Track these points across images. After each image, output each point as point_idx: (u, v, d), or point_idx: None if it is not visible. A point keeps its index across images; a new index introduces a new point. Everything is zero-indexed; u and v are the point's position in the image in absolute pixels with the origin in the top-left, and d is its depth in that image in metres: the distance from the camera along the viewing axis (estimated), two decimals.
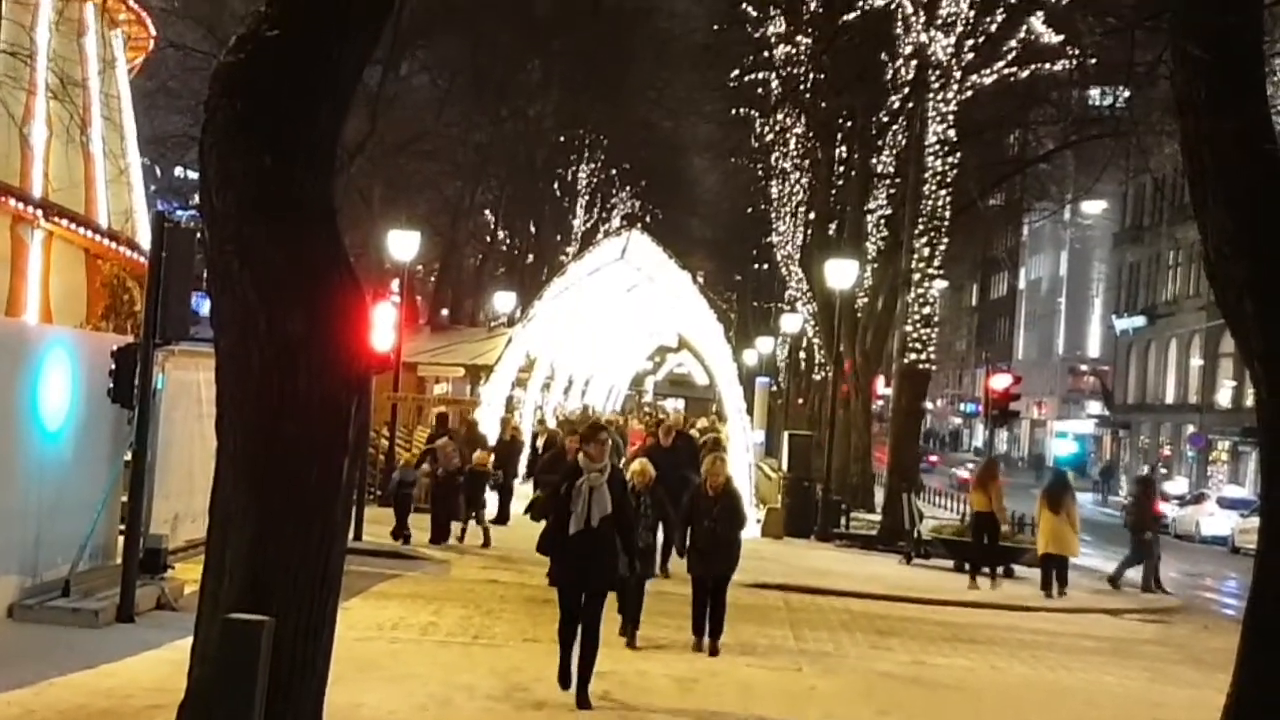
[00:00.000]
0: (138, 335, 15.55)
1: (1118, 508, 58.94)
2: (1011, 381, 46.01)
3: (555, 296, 37.29)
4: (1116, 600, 25.93)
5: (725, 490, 15.96)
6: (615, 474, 12.92)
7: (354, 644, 12.20)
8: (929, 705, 13.79)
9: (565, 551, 12.37)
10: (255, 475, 9.35)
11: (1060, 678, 16.53)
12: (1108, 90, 38.75)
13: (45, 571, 14.70)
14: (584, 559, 12.25)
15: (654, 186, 69.06)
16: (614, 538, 12.45)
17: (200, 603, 9.74)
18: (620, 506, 12.54)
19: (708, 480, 16.09)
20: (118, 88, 34.01)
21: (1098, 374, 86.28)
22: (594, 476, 12.33)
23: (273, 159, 9.14)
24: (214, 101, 9.33)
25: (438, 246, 55.85)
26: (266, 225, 9.18)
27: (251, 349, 9.26)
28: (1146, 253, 76.28)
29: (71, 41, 32.56)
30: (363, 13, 9.52)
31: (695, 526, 15.79)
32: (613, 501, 12.38)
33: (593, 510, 12.24)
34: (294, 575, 9.26)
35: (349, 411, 9.56)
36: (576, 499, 12.32)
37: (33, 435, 14.61)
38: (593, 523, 12.22)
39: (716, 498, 15.80)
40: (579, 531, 12.26)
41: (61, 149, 31.74)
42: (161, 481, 16.67)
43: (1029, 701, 14.54)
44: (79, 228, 32.34)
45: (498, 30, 44.95)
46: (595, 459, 12.54)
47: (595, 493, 12.27)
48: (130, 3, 34.66)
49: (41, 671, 11.47)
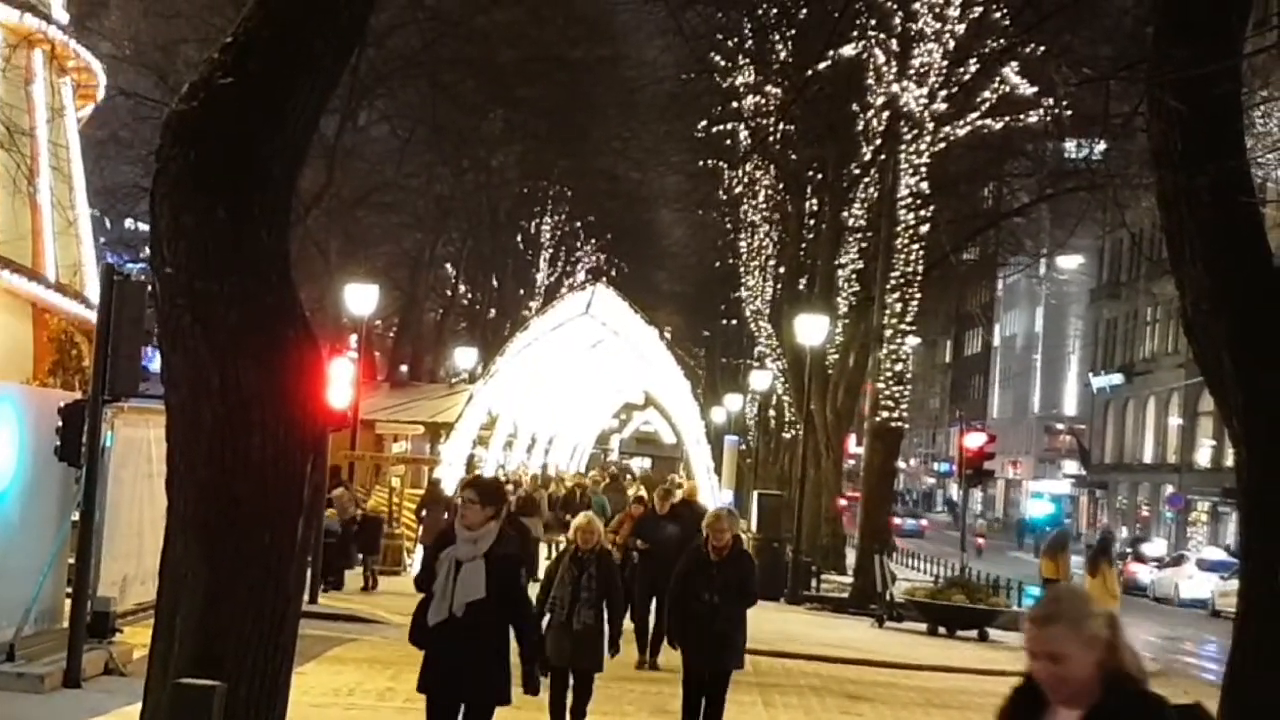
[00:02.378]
0: (86, 392, 15.51)
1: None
2: (986, 440, 45.97)
3: (518, 352, 37.38)
4: None
5: (732, 554, 12.71)
6: (502, 545, 10.04)
7: (309, 710, 12.13)
8: None
9: (431, 648, 10.06)
10: (207, 536, 9.31)
11: None
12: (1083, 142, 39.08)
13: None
14: (451, 660, 9.86)
15: (620, 239, 69.20)
16: (497, 633, 9.94)
17: (150, 667, 9.67)
18: (506, 589, 9.89)
19: (709, 539, 12.69)
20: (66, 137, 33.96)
21: (1074, 433, 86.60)
22: (464, 547, 9.86)
23: (226, 211, 9.14)
24: (166, 151, 9.32)
25: (397, 301, 55.83)
26: (219, 280, 9.17)
27: (203, 406, 9.23)
28: (1124, 309, 76.72)
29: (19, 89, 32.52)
30: (319, 60, 9.54)
31: (690, 602, 12.53)
32: (498, 582, 9.80)
33: (456, 593, 9.76)
34: (247, 639, 9.21)
35: (304, 471, 9.52)
36: (438, 578, 9.95)
37: None
38: (455, 611, 9.73)
39: (720, 563, 12.54)
40: (440, 623, 9.85)
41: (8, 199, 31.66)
42: (110, 542, 16.57)
43: None
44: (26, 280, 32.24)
45: (459, 80, 45.09)
46: (470, 523, 9.92)
47: (463, 570, 9.77)
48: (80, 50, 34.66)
49: None
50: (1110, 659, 4.92)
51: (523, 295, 65.89)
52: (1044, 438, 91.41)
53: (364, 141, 47.43)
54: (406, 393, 45.64)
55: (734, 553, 12.72)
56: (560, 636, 12.45)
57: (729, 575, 12.51)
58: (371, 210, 49.57)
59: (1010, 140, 36.76)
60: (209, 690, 8.71)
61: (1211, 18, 8.57)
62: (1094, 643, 4.90)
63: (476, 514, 9.84)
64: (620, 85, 48.88)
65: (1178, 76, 8.47)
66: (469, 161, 52.98)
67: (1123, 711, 4.96)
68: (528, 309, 59.23)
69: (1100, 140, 35.70)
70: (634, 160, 56.48)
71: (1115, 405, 79.75)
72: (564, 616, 12.51)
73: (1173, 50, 8.67)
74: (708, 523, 12.99)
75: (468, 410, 34.75)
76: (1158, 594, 48.45)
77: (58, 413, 14.95)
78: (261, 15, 9.29)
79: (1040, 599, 5.01)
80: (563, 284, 62.82)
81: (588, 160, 56.17)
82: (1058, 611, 5.02)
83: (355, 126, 43.28)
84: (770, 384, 53.41)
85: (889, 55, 33.20)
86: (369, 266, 42.43)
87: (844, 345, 40.55)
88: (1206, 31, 8.56)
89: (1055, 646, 4.88)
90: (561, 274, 67.67)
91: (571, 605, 12.51)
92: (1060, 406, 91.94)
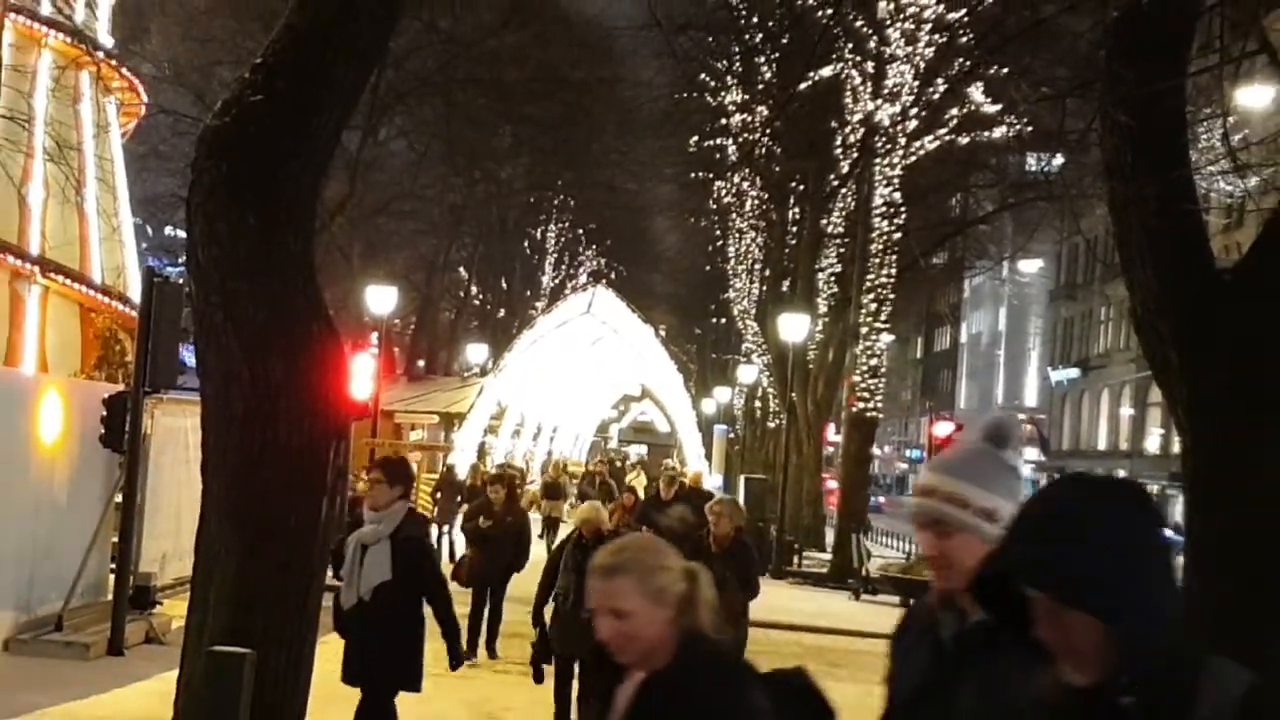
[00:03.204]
0: (128, 384, 15.52)
1: None
2: (954, 429, 46.08)
3: (525, 348, 37.39)
4: None
5: (734, 545, 11.41)
6: (408, 527, 9.21)
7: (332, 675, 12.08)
8: None
9: (346, 635, 9.37)
10: (238, 517, 9.31)
11: None
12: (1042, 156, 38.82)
13: (39, 607, 14.62)
14: (362, 646, 9.27)
15: (618, 245, 69.13)
16: (407, 617, 9.18)
17: (186, 637, 9.67)
18: (413, 570, 9.01)
19: (710, 530, 11.47)
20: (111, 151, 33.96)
21: (1034, 422, 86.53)
22: (369, 530, 9.13)
23: (256, 219, 9.14)
24: (201, 164, 9.33)
25: (414, 301, 55.83)
26: (250, 281, 9.17)
27: (235, 398, 9.24)
28: (1079, 309, 76.72)
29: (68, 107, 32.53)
30: (341, 81, 9.54)
31: None
32: (403, 564, 8.96)
33: (362, 578, 9.08)
34: (275, 611, 9.21)
35: (328, 457, 9.52)
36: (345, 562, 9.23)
37: (28, 479, 14.52)
38: (363, 595, 9.10)
39: (721, 555, 11.01)
40: (351, 608, 9.20)
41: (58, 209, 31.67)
42: (150, 522, 16.59)
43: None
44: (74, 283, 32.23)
45: (471, 98, 45.04)
46: (376, 504, 9.12)
47: (369, 553, 9.05)
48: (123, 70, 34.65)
49: (35, 702, 11.37)
50: (687, 617, 3.98)
51: (529, 296, 65.84)
52: None
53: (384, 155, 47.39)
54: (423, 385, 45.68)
55: (735, 544, 11.29)
56: (565, 626, 11.13)
57: (730, 567, 10.67)
58: (391, 218, 49.56)
59: (975, 154, 36.77)
60: (240, 657, 8.71)
61: (1159, 42, 8.56)
62: (664, 597, 3.94)
63: (384, 494, 9.08)
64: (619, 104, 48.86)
65: (1128, 95, 8.46)
66: (480, 173, 52.93)
67: (692, 673, 3.95)
68: (534, 309, 59.13)
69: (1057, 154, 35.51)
70: (631, 172, 56.44)
71: (1072, 397, 79.74)
72: (569, 605, 11.10)
73: (1123, 71, 8.66)
74: (709, 508, 11.72)
75: (479, 401, 34.77)
76: None
77: (102, 403, 14.97)
78: (288, 40, 9.29)
79: (606, 547, 4.19)
80: (566, 286, 62.71)
81: (589, 172, 56.15)
82: (623, 562, 4.00)
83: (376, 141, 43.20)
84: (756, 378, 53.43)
85: (864, 76, 33.21)
86: (388, 270, 42.42)
87: (823, 342, 40.55)
88: (1154, 54, 8.56)
89: (619, 601, 3.92)
90: (565, 276, 67.61)
91: (577, 594, 10.69)
92: (1022, 398, 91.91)
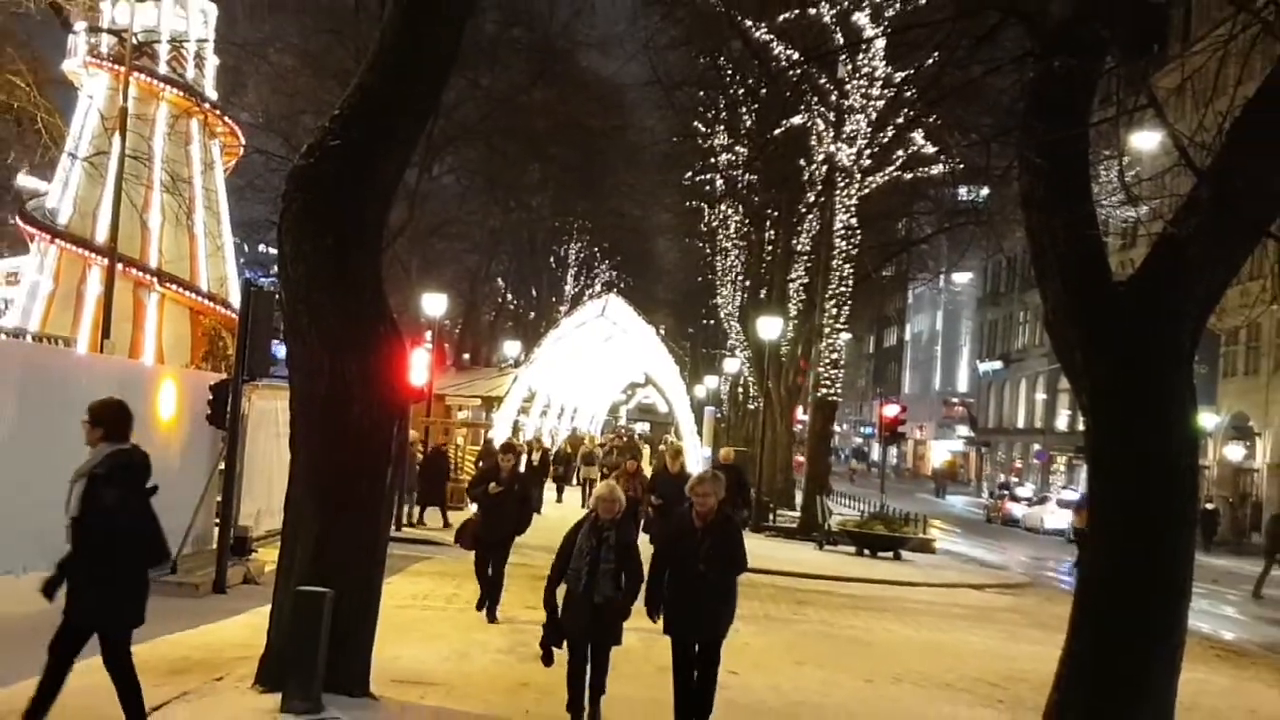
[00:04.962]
0: (230, 374, 15.55)
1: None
2: (899, 410, 46.16)
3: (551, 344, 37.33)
4: (978, 577, 25.95)
5: (717, 520, 9.08)
6: (100, 466, 7.47)
7: (394, 611, 12.14)
8: (835, 656, 13.78)
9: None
10: (318, 482, 9.36)
11: (936, 636, 16.53)
12: (972, 189, 39.12)
13: None
14: (70, 583, 7.51)
15: (627, 261, 69.10)
16: (94, 555, 7.35)
17: (276, 579, 9.74)
18: (88, 507, 7.33)
19: (694, 506, 9.15)
20: (215, 183, 34.06)
21: (965, 405, 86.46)
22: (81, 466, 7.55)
23: (334, 240, 9.19)
24: (289, 195, 9.37)
25: (460, 306, 55.80)
26: (329, 291, 9.22)
27: (316, 385, 9.29)
28: (1002, 313, 76.69)
29: (181, 148, 32.63)
30: (403, 129, 9.59)
31: (677, 572, 9.03)
32: (88, 502, 7.34)
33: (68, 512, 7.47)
34: (348, 557, 9.28)
35: (391, 433, 9.58)
36: None
37: (150, 450, 14.51)
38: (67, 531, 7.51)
39: (705, 529, 9.03)
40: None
41: (172, 230, 31.78)
42: (247, 485, 16.63)
43: (912, 654, 14.56)
44: (185, 291, 32.32)
45: (506, 142, 45.04)
46: (89, 441, 7.52)
47: (71, 489, 7.47)
48: (225, 118, 34.72)
49: (154, 631, 11.35)
50: None
51: (554, 302, 65.81)
52: (942, 408, 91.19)
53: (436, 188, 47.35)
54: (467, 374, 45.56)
55: (719, 519, 9.07)
56: (579, 609, 9.08)
57: (715, 543, 8.99)
58: (442, 239, 49.64)
59: (917, 187, 36.75)
60: (321, 595, 8.77)
61: (1065, 98, 8.57)
62: None
63: (89, 434, 7.58)
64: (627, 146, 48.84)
65: (1041, 141, 8.47)
66: (514, 203, 52.92)
67: None
68: (558, 312, 59.11)
69: (984, 187, 35.70)
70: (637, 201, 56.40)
71: (996, 384, 79.67)
72: (582, 589, 9.06)
73: (1037, 121, 8.67)
74: (691, 486, 9.35)
75: (513, 387, 34.71)
76: (1027, 525, 48.40)
77: (209, 389, 15.00)
78: (360, 96, 9.34)
79: None
80: (584, 294, 62.68)
81: (603, 202, 56.08)
82: None
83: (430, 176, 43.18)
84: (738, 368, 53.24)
85: (827, 124, 33.17)
86: (440, 280, 42.49)
87: (793, 339, 40.48)
88: (1061, 108, 8.56)
89: None
90: (583, 286, 67.55)
91: (590, 577, 9.03)
92: (955, 385, 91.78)
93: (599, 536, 9.16)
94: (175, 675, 9.69)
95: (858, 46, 30.10)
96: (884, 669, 13.10)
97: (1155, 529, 8.29)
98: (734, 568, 9.19)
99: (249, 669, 9.53)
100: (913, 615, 18.55)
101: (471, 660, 11.60)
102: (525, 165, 49.76)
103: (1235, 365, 48.60)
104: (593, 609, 9.07)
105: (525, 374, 35.92)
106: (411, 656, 11.22)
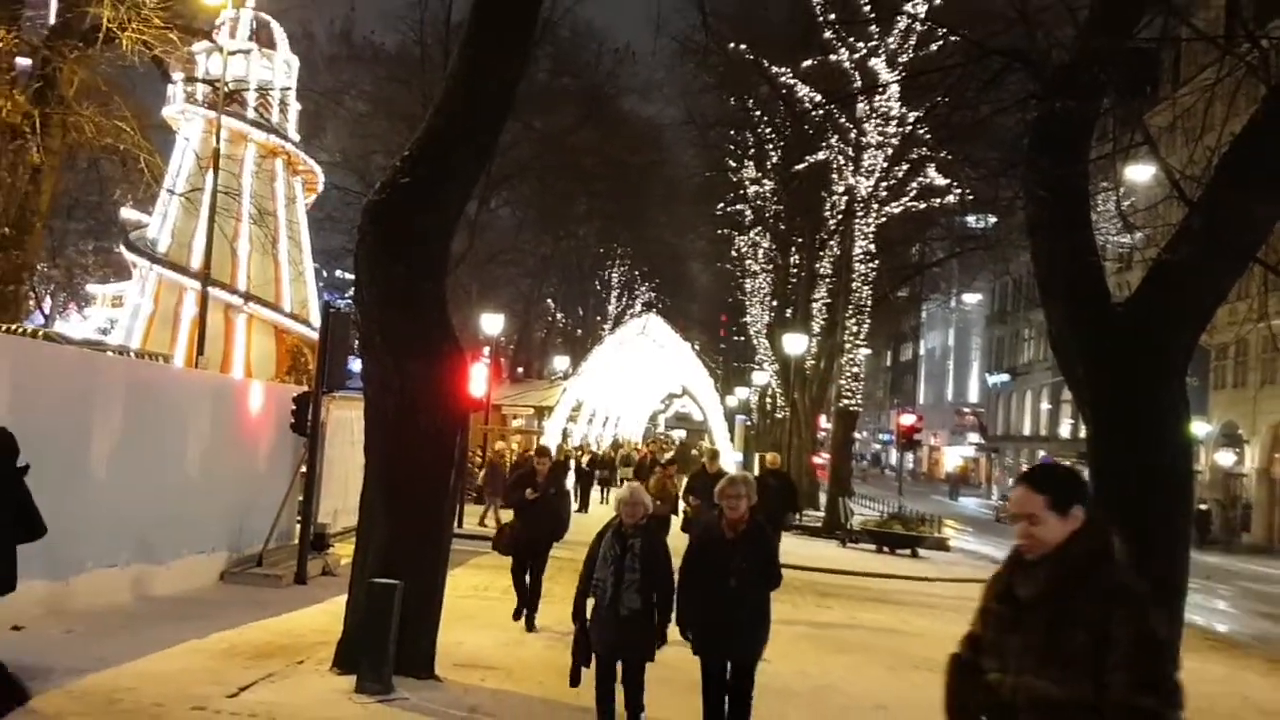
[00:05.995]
0: (310, 386, 15.65)
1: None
2: (915, 419, 45.85)
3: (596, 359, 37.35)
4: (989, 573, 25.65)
5: (750, 529, 7.41)
6: None
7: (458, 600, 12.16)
8: (859, 645, 13.71)
9: None
10: (389, 484, 9.40)
11: (952, 628, 16.13)
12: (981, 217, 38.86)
13: (245, 548, 14.76)
14: None
15: (665, 283, 69.01)
16: None
17: (352, 571, 9.79)
18: None
19: (723, 514, 7.46)
20: (297, 216, 34.37)
21: (976, 414, 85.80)
22: None
23: (404, 267, 9.25)
24: (363, 227, 9.45)
25: (515, 324, 55.96)
26: (400, 312, 9.28)
27: (388, 396, 9.34)
28: (1009, 329, 76.07)
29: (267, 184, 32.95)
30: (465, 167, 9.64)
31: (706, 586, 7.35)
32: None
33: None
34: (415, 553, 9.31)
35: (454, 439, 9.62)
36: None
37: (239, 454, 14.68)
38: None
39: (736, 540, 7.37)
40: None
41: (259, 258, 32.08)
42: (325, 486, 16.72)
43: (930, 644, 14.42)
44: (270, 312, 32.59)
45: (557, 178, 45.23)
46: None
47: None
48: (306, 158, 35.03)
49: (242, 618, 11.48)
50: None
51: (599, 320, 65.80)
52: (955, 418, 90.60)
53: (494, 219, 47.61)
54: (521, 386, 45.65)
55: (751, 528, 7.41)
56: (605, 624, 7.55)
57: (747, 555, 7.36)
58: (498, 264, 49.82)
59: (930, 215, 36.54)
60: (391, 587, 8.80)
61: (1065, 135, 8.53)
62: None
63: None
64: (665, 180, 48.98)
65: (1044, 174, 8.44)
66: (563, 232, 53.09)
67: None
68: (603, 330, 59.15)
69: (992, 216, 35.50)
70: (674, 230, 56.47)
71: (1004, 395, 79.00)
72: (608, 601, 7.53)
73: (1040, 156, 8.64)
74: (720, 490, 7.56)
75: (562, 398, 34.76)
76: None
77: (292, 400, 15.10)
78: (427, 138, 9.41)
79: None
80: (626, 313, 62.70)
81: (643, 230, 56.15)
82: None
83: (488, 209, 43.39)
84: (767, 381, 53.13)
85: (847, 159, 33.09)
86: (497, 302, 42.67)
87: (817, 355, 40.35)
88: (1062, 144, 8.53)
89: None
90: (625, 306, 67.48)
91: (616, 589, 7.51)
92: (966, 396, 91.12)
93: (623, 544, 7.57)
94: (261, 658, 9.75)
95: (875, 89, 30.04)
96: (904, 657, 13.00)
97: (1152, 530, 8.19)
98: (767, 582, 7.53)
99: (327, 653, 9.57)
100: (930, 608, 18.39)
101: (527, 646, 11.60)
102: (573, 199, 49.93)
103: (1225, 378, 48.03)
104: (619, 622, 7.51)
105: (573, 385, 35.96)
106: (473, 642, 11.23)
